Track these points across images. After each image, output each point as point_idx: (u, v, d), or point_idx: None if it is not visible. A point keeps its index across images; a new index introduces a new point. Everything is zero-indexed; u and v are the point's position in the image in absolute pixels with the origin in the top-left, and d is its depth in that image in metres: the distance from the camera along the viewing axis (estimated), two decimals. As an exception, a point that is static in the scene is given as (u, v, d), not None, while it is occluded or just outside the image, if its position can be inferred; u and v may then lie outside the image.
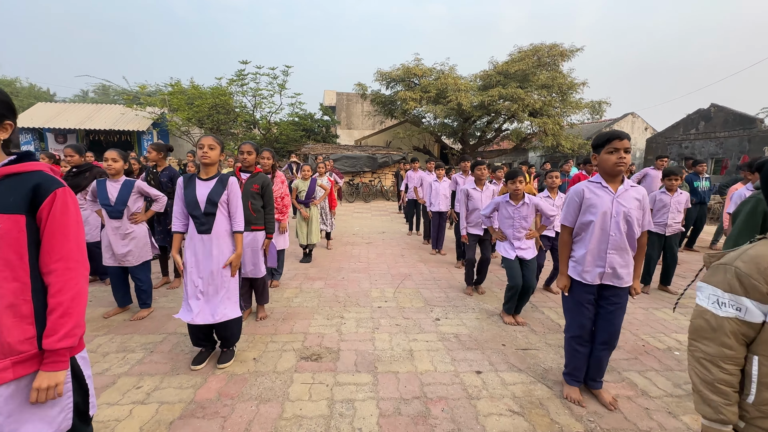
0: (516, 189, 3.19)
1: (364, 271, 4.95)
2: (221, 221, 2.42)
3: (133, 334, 2.98)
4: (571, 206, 2.12)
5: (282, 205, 4.04)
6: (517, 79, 13.45)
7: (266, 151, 3.86)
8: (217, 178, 2.43)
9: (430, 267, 5.19)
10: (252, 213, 3.11)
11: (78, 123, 13.62)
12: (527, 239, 3.30)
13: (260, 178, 3.13)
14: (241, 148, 3.10)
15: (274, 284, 4.22)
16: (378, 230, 8.07)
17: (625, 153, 1.92)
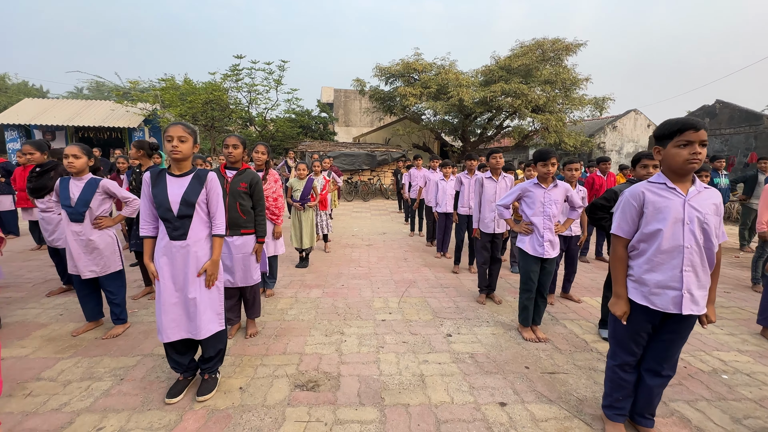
0: (548, 172, 2.81)
1: (365, 277, 4.59)
2: (199, 225, 2.06)
3: (103, 356, 2.60)
4: (628, 212, 1.72)
5: (275, 206, 3.68)
6: (520, 74, 13.09)
7: (261, 145, 3.50)
8: (193, 173, 2.06)
9: (435, 272, 4.83)
10: (241, 215, 2.75)
11: (66, 119, 13.14)
12: (556, 231, 2.93)
13: (248, 176, 2.76)
14: (226, 141, 2.72)
15: (267, 293, 3.85)
16: (378, 231, 7.71)
17: (700, 147, 1.55)
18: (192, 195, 2.01)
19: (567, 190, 2.93)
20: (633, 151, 20.03)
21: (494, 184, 3.79)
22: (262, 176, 3.62)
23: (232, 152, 2.71)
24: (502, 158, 3.75)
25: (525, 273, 2.96)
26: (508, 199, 3.02)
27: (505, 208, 3.05)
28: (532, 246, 2.92)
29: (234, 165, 2.78)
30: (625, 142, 19.87)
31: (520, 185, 2.98)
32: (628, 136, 19.97)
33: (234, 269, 2.79)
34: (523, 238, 2.97)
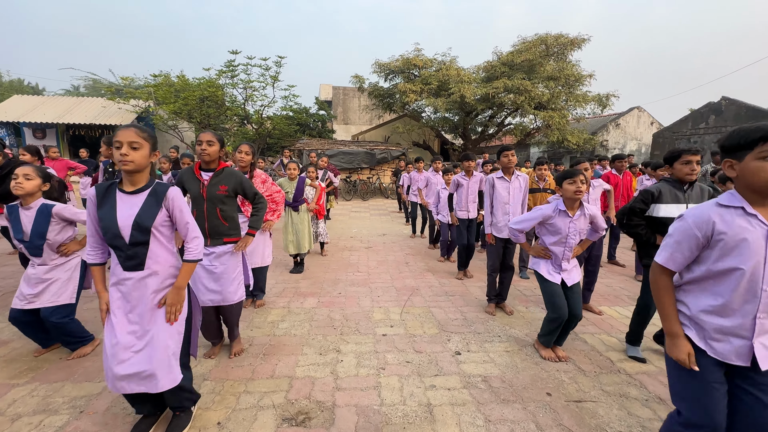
0: (577, 191, 2.45)
1: (364, 283, 4.27)
2: (159, 252, 1.69)
3: (64, 381, 2.28)
4: (687, 243, 1.31)
5: (272, 200, 3.38)
6: (523, 70, 12.75)
7: (244, 144, 3.18)
8: (149, 189, 1.67)
9: (439, 278, 4.51)
10: (223, 222, 2.42)
11: (56, 117, 12.77)
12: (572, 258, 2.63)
13: (227, 176, 2.43)
14: (199, 138, 2.39)
15: (257, 304, 3.53)
16: (378, 232, 7.38)
17: None
18: (146, 218, 1.62)
19: (594, 216, 2.61)
20: (636, 149, 19.73)
21: (507, 184, 3.46)
22: (264, 177, 3.32)
23: (207, 150, 2.37)
24: (514, 156, 3.42)
25: (549, 297, 2.61)
26: (525, 225, 2.66)
27: (520, 232, 2.71)
28: (547, 270, 2.63)
29: (210, 165, 2.44)
30: (628, 140, 19.55)
31: (541, 210, 2.61)
32: (631, 134, 19.66)
33: (216, 284, 2.47)
34: (538, 261, 2.67)
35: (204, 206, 2.38)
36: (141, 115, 13.23)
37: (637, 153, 19.77)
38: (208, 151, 2.37)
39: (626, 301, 3.83)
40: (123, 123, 12.82)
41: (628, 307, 3.63)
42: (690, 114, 17.53)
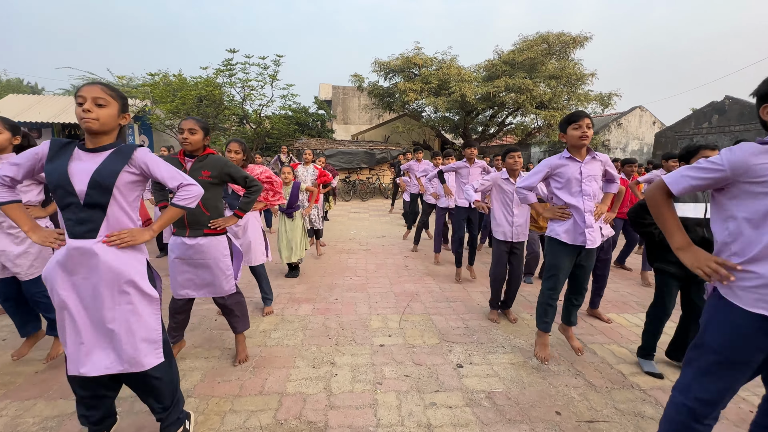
0: (583, 136, 2.28)
1: (361, 288, 4.11)
2: (120, 219, 1.49)
3: (38, 398, 2.12)
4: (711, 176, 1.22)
5: (271, 188, 3.21)
6: (525, 68, 12.59)
7: (234, 142, 3.05)
8: (114, 148, 1.47)
9: (440, 282, 4.35)
10: (204, 211, 2.27)
11: (52, 116, 12.61)
12: (597, 219, 2.43)
13: (212, 162, 2.28)
14: (181, 125, 2.24)
15: (265, 311, 3.37)
16: (377, 234, 7.23)
17: None
18: (108, 174, 1.40)
19: (605, 162, 2.47)
20: (638, 148, 19.57)
21: (512, 186, 3.30)
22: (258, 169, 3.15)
23: (189, 138, 2.21)
24: (520, 157, 3.25)
25: (553, 267, 2.48)
26: (532, 179, 2.50)
27: (528, 190, 2.55)
28: (569, 233, 2.41)
29: (194, 153, 2.29)
30: (630, 140, 19.40)
31: (547, 161, 2.48)
32: (633, 134, 19.50)
33: (198, 279, 2.33)
34: (555, 226, 2.48)
35: None
36: (138, 115, 13.07)
37: (639, 153, 19.61)
38: (190, 140, 2.22)
39: (635, 308, 3.66)
40: (119, 122, 12.69)
41: (638, 315, 3.47)
42: (693, 113, 17.37)
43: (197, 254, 2.29)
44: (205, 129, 2.30)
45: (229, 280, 2.38)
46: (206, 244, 2.29)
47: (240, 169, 2.37)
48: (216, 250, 2.32)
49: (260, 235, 3.33)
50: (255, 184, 2.43)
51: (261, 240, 3.34)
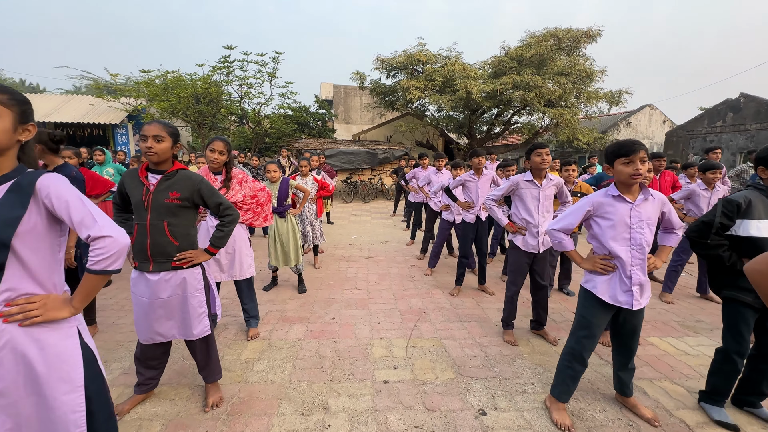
0: (635, 174, 1.78)
1: (362, 304, 3.63)
2: (22, 281, 1.05)
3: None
4: None
5: (258, 203, 2.86)
6: (533, 65, 12.09)
7: (217, 141, 2.60)
8: (11, 182, 1.04)
9: (450, 297, 3.86)
10: (172, 240, 1.81)
11: (43, 115, 12.22)
12: (649, 269, 1.93)
13: (182, 180, 1.83)
14: (144, 131, 1.77)
15: (251, 334, 2.91)
16: (379, 239, 6.75)
17: None
18: (3, 223, 0.99)
19: (663, 203, 1.94)
20: (648, 148, 18.99)
21: (537, 190, 2.81)
22: (221, 181, 2.70)
23: (154, 148, 1.75)
24: (548, 155, 2.76)
25: (584, 323, 1.97)
26: (569, 221, 1.99)
27: (564, 234, 2.05)
28: (609, 290, 1.92)
29: (159, 167, 1.83)
30: (639, 139, 18.81)
31: (590, 198, 1.96)
32: (642, 133, 18.97)
33: (165, 319, 1.86)
34: (593, 276, 2.00)
35: (147, 218, 1.77)
36: (132, 114, 12.65)
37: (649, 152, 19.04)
38: (155, 150, 1.75)
39: (678, 330, 3.17)
40: (113, 122, 12.26)
41: (684, 339, 2.98)
42: (706, 111, 16.82)
43: (163, 291, 1.83)
44: (174, 136, 1.84)
45: (201, 320, 1.92)
46: (174, 279, 1.83)
47: (215, 191, 1.91)
48: (186, 286, 1.87)
49: (247, 245, 2.88)
50: (230, 213, 1.95)
51: (248, 250, 2.89)
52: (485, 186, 3.91)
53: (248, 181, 2.85)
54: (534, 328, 3.02)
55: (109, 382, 2.23)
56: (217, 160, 2.61)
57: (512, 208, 2.95)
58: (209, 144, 2.62)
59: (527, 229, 2.82)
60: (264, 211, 2.95)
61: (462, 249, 4.00)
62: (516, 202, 2.91)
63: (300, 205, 3.97)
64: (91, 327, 2.89)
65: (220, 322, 3.14)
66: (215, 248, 1.93)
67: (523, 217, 2.85)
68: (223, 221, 1.95)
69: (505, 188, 2.87)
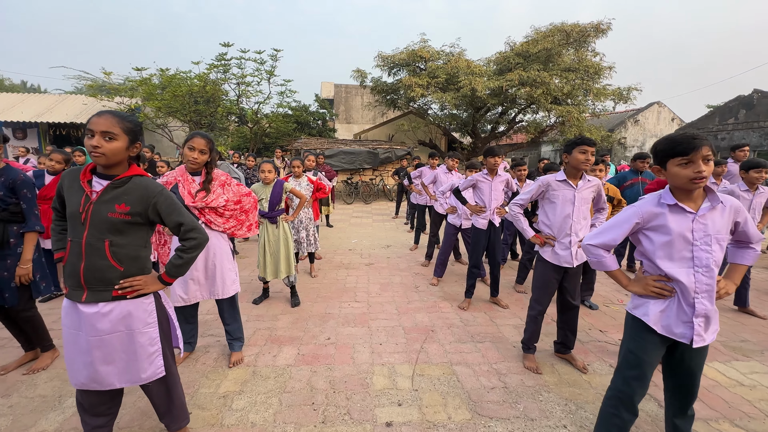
0: (697, 178, 1.38)
1: (362, 320, 3.25)
2: None
3: None
4: None
5: (242, 210, 2.50)
6: (540, 61, 11.67)
7: (198, 137, 2.26)
8: None
9: (459, 311, 3.48)
10: (114, 264, 1.42)
11: (35, 115, 11.87)
12: (720, 296, 1.52)
13: (135, 188, 1.45)
14: (91, 125, 1.39)
15: (233, 360, 2.53)
16: (381, 243, 6.36)
17: None
18: None
19: (737, 211, 1.50)
20: (656, 146, 18.53)
21: (572, 192, 2.41)
22: (200, 183, 2.33)
23: (102, 148, 1.37)
24: (593, 155, 2.32)
25: (632, 359, 1.57)
26: (612, 236, 1.58)
27: (605, 250, 1.63)
28: (663, 318, 1.52)
29: (109, 171, 1.45)
30: (647, 137, 18.38)
31: (638, 208, 1.54)
32: (650, 131, 18.50)
33: (101, 363, 1.47)
34: (645, 302, 1.60)
35: (83, 234, 1.39)
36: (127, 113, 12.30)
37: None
38: (102, 150, 1.37)
39: (724, 352, 2.77)
40: (107, 121, 11.94)
41: (733, 364, 2.58)
42: (717, 108, 16.35)
43: (100, 327, 1.43)
44: (132, 133, 1.45)
45: (153, 360, 1.53)
46: (115, 312, 1.44)
47: (176, 207, 1.50)
48: (132, 320, 1.48)
49: (230, 258, 2.51)
50: (194, 236, 1.53)
51: (231, 264, 2.51)
52: (498, 188, 3.52)
53: (232, 185, 2.48)
54: (559, 351, 2.64)
55: (60, 423, 1.86)
56: (197, 160, 2.24)
57: (540, 214, 2.55)
58: (188, 140, 2.25)
59: (557, 238, 2.42)
60: (248, 220, 2.57)
61: (472, 258, 3.61)
62: (545, 206, 2.51)
63: (294, 213, 3.59)
64: (50, 351, 2.52)
65: (200, 344, 2.76)
66: (171, 278, 1.54)
67: (553, 223, 2.45)
68: (184, 246, 1.53)
69: (534, 190, 2.47)
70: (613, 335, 3.02)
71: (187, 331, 2.55)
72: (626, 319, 1.66)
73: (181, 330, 2.53)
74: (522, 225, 2.55)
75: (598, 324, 3.23)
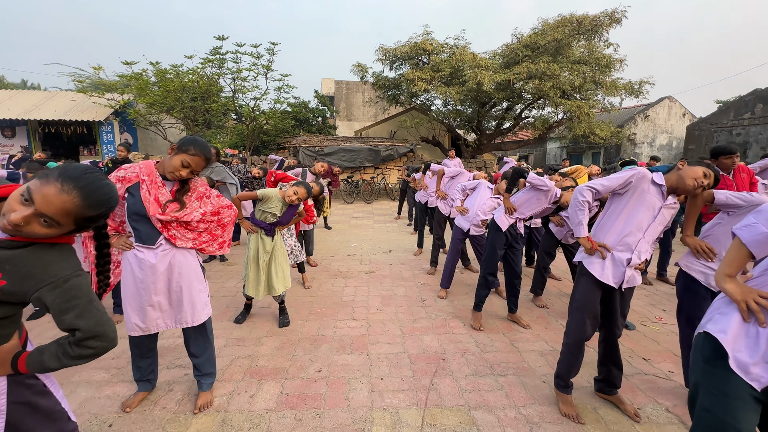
0: None
1: (359, 345, 2.77)
2: None
3: None
4: None
5: (217, 222, 2.03)
6: (549, 52, 11.12)
7: (198, 154, 1.90)
8: None
9: (473, 332, 2.99)
10: None
11: (23, 112, 11.41)
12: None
13: (25, 260, 0.93)
14: None
15: (200, 403, 2.04)
16: (383, 247, 5.88)
17: None
18: None
19: None
20: (667, 143, 17.96)
21: (661, 202, 1.86)
22: (172, 192, 1.88)
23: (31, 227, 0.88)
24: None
25: (716, 410, 1.12)
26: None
27: None
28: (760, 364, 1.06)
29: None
30: (658, 133, 17.80)
31: None
32: (661, 127, 17.91)
33: None
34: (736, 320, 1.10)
35: None
36: (118, 110, 11.84)
37: (668, 148, 18.00)
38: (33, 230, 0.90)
39: None
40: (97, 119, 11.46)
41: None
42: (732, 102, 15.71)
43: None
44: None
45: None
46: None
47: (77, 306, 0.94)
48: None
49: (200, 277, 2.02)
50: (92, 345, 0.95)
51: (201, 285, 2.03)
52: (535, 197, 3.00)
53: (212, 196, 1.99)
54: (601, 390, 2.14)
55: None
56: (182, 176, 1.78)
57: (603, 215, 2.04)
58: (185, 151, 1.76)
59: (613, 250, 1.92)
60: (223, 236, 2.08)
61: (488, 264, 3.07)
62: (616, 206, 1.98)
63: (290, 224, 3.14)
64: None
65: (163, 378, 2.29)
66: (28, 370, 0.97)
67: (616, 230, 1.93)
68: (74, 352, 0.94)
69: (622, 180, 1.89)
70: (660, 365, 2.52)
71: (144, 367, 2.07)
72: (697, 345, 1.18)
73: (136, 366, 2.07)
74: (580, 217, 1.99)
75: (638, 349, 2.73)
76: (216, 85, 12.45)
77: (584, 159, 18.84)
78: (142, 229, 1.85)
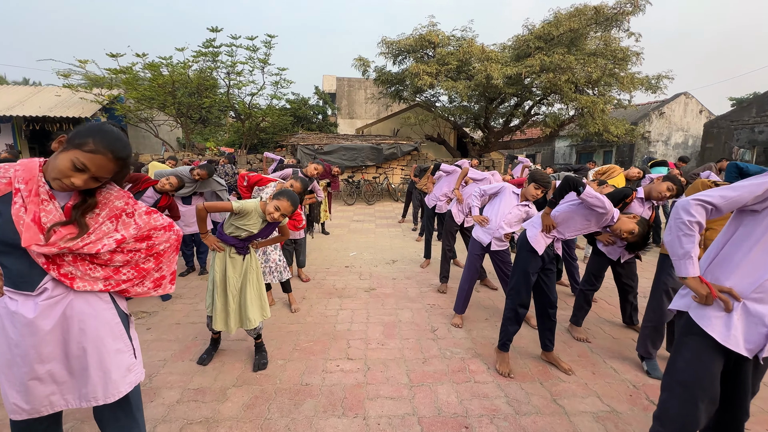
0: None
1: (354, 401, 2.10)
2: None
3: None
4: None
5: (147, 251, 1.36)
6: (564, 44, 10.40)
7: (103, 156, 1.16)
8: None
9: (499, 378, 2.32)
10: None
11: (5, 109, 10.80)
12: None
13: None
14: None
15: None
16: (385, 256, 5.22)
17: None
18: None
19: None
20: (682, 141, 17.17)
21: None
22: (67, 207, 1.21)
23: None
24: None
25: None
26: None
27: None
28: None
29: None
30: (673, 131, 17.01)
31: None
32: (677, 124, 17.11)
33: None
34: None
35: None
36: (106, 107, 11.23)
37: (683, 146, 17.20)
38: None
39: None
40: (84, 115, 10.86)
41: None
42: (753, 98, 14.94)
43: None
44: None
45: None
46: None
47: None
48: None
49: (117, 332, 1.36)
50: None
51: (122, 342, 1.37)
52: None
53: (136, 214, 1.33)
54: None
55: None
56: (74, 185, 1.14)
57: (720, 243, 1.35)
58: (78, 142, 1.13)
59: (745, 299, 1.25)
60: (160, 269, 1.41)
61: (517, 293, 2.40)
62: (745, 228, 1.29)
63: (268, 241, 2.48)
64: None
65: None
66: None
67: (749, 266, 1.24)
68: None
69: (762, 189, 1.21)
70: None
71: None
72: None
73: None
74: (687, 247, 1.29)
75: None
76: (209, 80, 11.82)
77: (595, 158, 18.06)
78: (13, 267, 1.19)
